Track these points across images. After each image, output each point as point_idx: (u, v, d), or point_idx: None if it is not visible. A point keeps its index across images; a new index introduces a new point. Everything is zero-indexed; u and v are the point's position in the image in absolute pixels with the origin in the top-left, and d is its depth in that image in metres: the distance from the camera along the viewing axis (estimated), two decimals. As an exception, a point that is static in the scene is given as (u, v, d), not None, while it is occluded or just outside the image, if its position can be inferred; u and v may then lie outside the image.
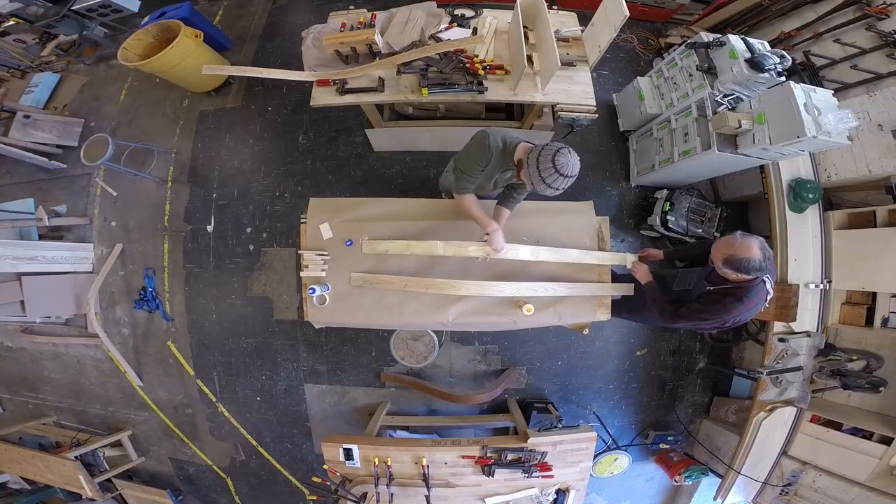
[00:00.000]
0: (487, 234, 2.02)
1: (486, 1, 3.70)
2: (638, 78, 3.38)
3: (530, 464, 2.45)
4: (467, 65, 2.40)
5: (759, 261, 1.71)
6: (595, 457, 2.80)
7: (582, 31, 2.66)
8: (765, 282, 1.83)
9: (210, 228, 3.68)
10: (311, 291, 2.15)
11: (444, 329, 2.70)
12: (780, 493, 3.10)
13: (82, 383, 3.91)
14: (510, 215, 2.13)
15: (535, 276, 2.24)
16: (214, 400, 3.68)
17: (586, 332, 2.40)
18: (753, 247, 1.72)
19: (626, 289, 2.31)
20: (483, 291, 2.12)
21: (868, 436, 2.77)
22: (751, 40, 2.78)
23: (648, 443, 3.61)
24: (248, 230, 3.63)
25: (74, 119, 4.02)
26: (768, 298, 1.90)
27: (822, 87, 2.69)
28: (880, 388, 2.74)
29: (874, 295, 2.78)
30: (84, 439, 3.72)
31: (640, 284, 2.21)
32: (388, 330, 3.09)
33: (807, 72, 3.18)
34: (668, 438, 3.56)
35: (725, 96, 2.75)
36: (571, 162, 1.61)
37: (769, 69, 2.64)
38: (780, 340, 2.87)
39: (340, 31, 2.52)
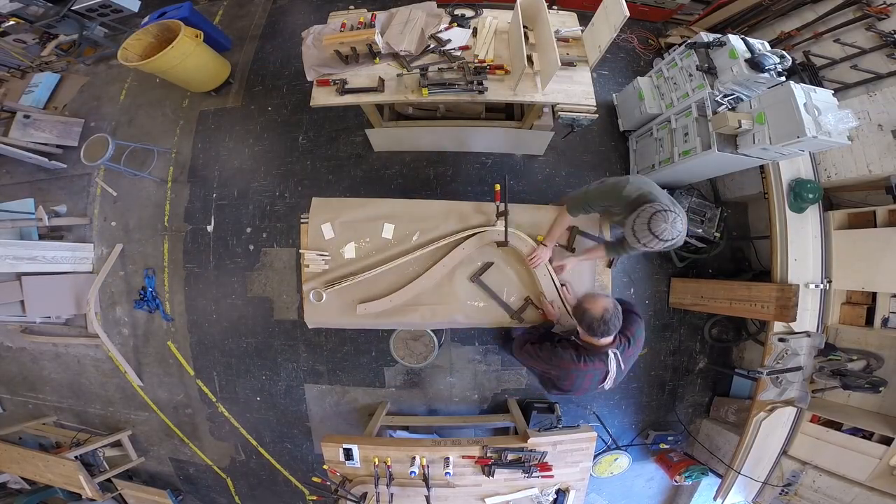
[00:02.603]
0: (543, 243, 2.10)
1: (486, 1, 3.71)
2: (638, 78, 3.38)
3: (530, 464, 2.45)
4: (469, 64, 2.40)
5: (598, 317, 1.62)
6: (595, 457, 2.80)
7: (582, 31, 2.65)
8: (609, 355, 1.70)
9: (210, 228, 3.68)
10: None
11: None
12: (780, 493, 3.10)
13: (82, 383, 3.91)
14: (590, 255, 2.18)
15: None
16: (214, 400, 3.68)
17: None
18: (599, 303, 1.64)
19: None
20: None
21: (868, 436, 2.78)
22: (751, 40, 2.77)
23: (648, 443, 3.61)
24: (248, 230, 3.63)
25: (74, 119, 4.01)
26: (609, 377, 1.74)
27: (822, 87, 2.68)
28: (880, 388, 2.74)
29: (874, 295, 2.77)
30: (84, 439, 3.72)
31: None
32: (387, 330, 3.09)
33: (807, 72, 3.18)
34: (668, 438, 3.56)
35: (725, 96, 2.75)
36: (668, 228, 1.50)
37: (769, 69, 2.63)
38: (780, 340, 2.87)
39: (340, 31, 2.51)
